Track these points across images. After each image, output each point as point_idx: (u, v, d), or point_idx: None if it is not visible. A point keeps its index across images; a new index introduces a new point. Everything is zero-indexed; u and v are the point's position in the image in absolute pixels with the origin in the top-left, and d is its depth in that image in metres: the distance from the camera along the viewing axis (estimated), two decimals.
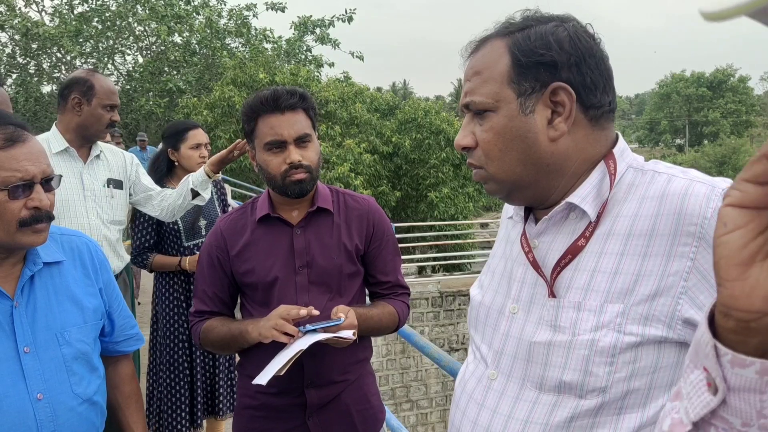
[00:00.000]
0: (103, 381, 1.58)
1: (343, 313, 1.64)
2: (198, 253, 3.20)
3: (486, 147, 1.03)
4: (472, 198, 14.80)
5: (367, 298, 1.99)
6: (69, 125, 2.63)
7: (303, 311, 1.62)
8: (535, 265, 1.03)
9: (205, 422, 3.48)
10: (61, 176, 1.47)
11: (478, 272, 12.36)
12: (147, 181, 2.96)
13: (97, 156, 2.74)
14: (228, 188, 4.69)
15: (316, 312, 1.64)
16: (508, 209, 1.19)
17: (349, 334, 1.60)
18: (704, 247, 0.88)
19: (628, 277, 0.93)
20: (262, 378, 1.56)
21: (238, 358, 1.97)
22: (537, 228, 1.05)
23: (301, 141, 1.76)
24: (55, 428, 1.40)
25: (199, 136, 3.30)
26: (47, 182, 1.40)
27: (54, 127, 2.66)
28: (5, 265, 1.41)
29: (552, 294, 1.00)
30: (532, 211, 1.09)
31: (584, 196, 0.99)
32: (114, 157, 2.83)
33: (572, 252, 0.99)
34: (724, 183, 0.91)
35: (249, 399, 1.84)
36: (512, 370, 1.04)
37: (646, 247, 0.93)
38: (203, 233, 3.25)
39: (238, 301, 1.95)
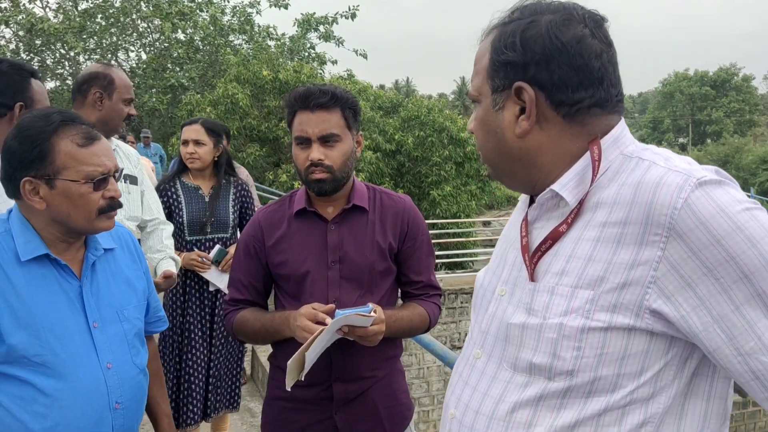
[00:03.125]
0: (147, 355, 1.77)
1: (374, 308, 1.67)
2: (197, 250, 3.23)
3: (476, 135, 1.11)
4: (475, 196, 14.78)
5: (399, 300, 2.00)
6: (88, 120, 2.63)
7: (326, 316, 1.65)
8: (524, 250, 1.06)
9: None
10: (122, 169, 1.57)
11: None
12: (151, 200, 2.91)
13: (113, 150, 2.74)
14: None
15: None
16: (521, 200, 1.22)
17: (368, 320, 1.62)
18: (674, 238, 0.89)
19: (600, 264, 0.95)
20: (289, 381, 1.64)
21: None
22: (531, 214, 1.09)
23: (326, 140, 1.77)
24: (122, 393, 1.59)
25: (188, 132, 3.27)
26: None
27: None
28: (71, 249, 1.59)
29: (532, 278, 1.03)
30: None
31: (565, 183, 1.02)
32: (126, 154, 2.81)
33: (552, 237, 1.02)
34: (702, 172, 0.92)
35: (279, 390, 1.87)
36: (493, 350, 1.08)
37: (620, 234, 0.94)
38: (208, 230, 3.26)
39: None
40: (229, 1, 17.69)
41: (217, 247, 3.23)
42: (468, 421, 1.08)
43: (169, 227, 2.93)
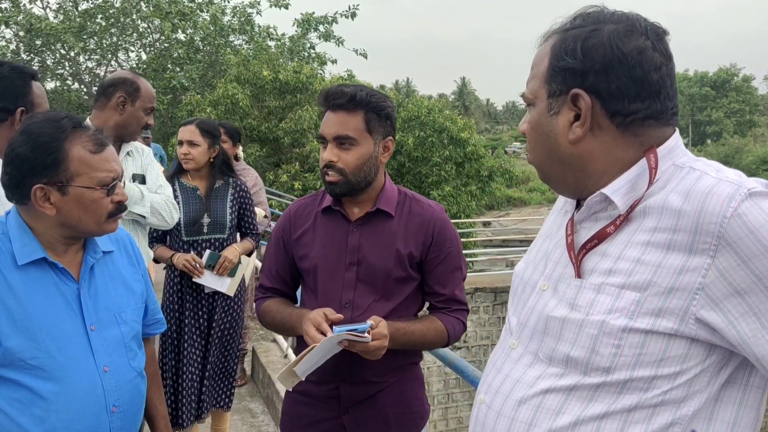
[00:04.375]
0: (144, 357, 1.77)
1: (373, 320, 1.65)
2: (193, 251, 3.24)
3: (527, 137, 1.13)
4: (475, 196, 14.79)
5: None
6: (107, 123, 2.62)
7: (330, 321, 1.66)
8: (570, 247, 1.09)
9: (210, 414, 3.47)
10: (123, 171, 1.62)
11: (481, 271, 12.34)
12: (158, 177, 2.87)
13: (128, 153, 2.76)
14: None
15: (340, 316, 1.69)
16: (561, 199, 1.24)
17: (366, 337, 1.60)
18: (723, 246, 0.90)
19: (649, 267, 0.97)
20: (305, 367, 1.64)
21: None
22: (578, 215, 1.11)
23: (341, 142, 1.76)
24: (119, 397, 1.58)
25: (183, 132, 3.28)
26: None
27: (88, 121, 2.63)
28: (70, 251, 1.59)
29: (578, 275, 1.05)
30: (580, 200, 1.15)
31: (617, 188, 1.03)
32: (140, 155, 2.83)
33: (599, 237, 1.04)
34: (753, 183, 0.93)
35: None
36: (530, 341, 1.11)
37: (669, 240, 0.96)
38: (205, 230, 3.25)
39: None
40: (229, 2, 17.69)
41: (208, 252, 3.22)
42: (497, 405, 1.11)
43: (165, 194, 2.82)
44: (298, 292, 2.01)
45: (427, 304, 1.96)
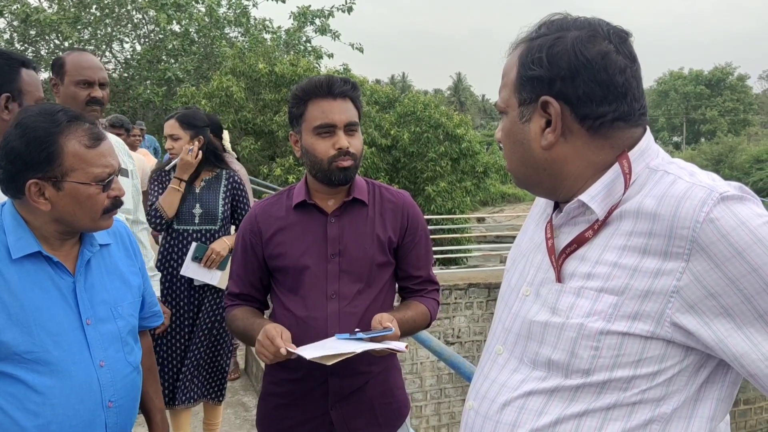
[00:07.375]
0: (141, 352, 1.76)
1: (390, 322, 1.65)
2: (185, 242, 3.24)
3: (503, 145, 1.16)
4: (470, 192, 14.79)
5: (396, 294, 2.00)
6: None
7: (283, 350, 1.59)
8: (551, 251, 1.11)
9: (203, 405, 3.46)
10: (120, 166, 1.59)
11: (475, 266, 12.36)
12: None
13: None
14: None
15: (292, 347, 1.62)
16: (542, 201, 1.26)
17: (401, 346, 1.60)
18: (697, 250, 0.92)
19: (626, 271, 0.99)
20: (308, 352, 1.58)
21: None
22: (557, 220, 1.13)
23: (350, 129, 1.80)
24: (114, 392, 1.58)
25: (165, 127, 3.33)
26: None
27: None
28: (66, 245, 1.57)
29: (559, 279, 1.07)
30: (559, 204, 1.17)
31: (594, 195, 1.05)
32: (118, 146, 2.76)
33: (578, 242, 1.06)
34: (726, 187, 0.95)
35: (274, 386, 1.88)
36: (515, 346, 1.13)
37: (645, 244, 0.98)
38: (196, 221, 3.24)
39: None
40: None
41: (194, 244, 3.22)
42: (484, 409, 1.13)
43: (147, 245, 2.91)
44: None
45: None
